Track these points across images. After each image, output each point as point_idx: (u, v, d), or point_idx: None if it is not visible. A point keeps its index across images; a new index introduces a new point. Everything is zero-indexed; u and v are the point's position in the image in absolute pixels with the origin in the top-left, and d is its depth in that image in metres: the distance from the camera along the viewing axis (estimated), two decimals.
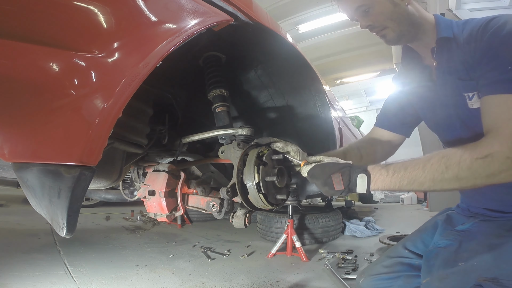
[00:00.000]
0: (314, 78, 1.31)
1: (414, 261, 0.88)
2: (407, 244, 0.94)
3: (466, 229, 0.82)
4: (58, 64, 0.48)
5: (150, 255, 2.08)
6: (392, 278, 0.87)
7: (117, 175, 0.96)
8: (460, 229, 0.84)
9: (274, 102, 1.41)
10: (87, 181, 0.53)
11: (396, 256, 0.93)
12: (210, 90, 1.07)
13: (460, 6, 3.51)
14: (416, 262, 0.87)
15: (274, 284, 1.60)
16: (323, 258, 2.12)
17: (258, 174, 0.87)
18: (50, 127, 0.50)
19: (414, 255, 0.90)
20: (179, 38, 0.60)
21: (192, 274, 1.73)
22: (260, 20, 0.93)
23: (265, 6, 5.44)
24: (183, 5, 0.66)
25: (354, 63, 8.30)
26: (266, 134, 1.53)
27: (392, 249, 1.00)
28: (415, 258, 0.89)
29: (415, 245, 0.92)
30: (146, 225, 3.21)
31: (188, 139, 1.09)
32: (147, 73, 0.54)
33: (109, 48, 0.52)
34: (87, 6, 0.50)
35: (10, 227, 2.51)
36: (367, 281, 0.93)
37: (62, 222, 0.54)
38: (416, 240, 0.94)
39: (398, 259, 0.91)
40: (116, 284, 1.53)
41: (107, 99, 0.50)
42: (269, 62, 1.23)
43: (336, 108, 1.95)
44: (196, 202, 1.09)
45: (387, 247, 2.26)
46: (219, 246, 2.43)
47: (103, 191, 1.57)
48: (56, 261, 1.77)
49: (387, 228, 3.28)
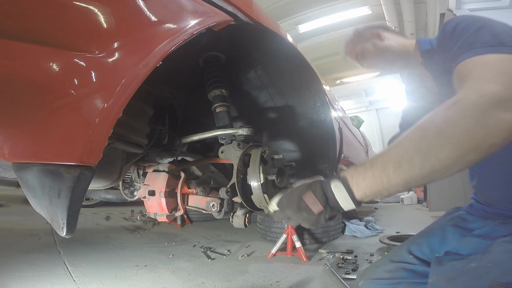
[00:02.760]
0: (314, 78, 1.31)
1: (417, 267, 0.82)
2: (412, 248, 0.88)
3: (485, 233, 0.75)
4: (58, 64, 0.48)
5: (150, 255, 2.08)
6: (393, 284, 0.83)
7: (117, 175, 0.96)
8: (479, 234, 0.76)
9: (274, 102, 1.41)
10: (87, 181, 0.53)
11: (399, 261, 0.87)
12: (210, 90, 1.07)
13: (460, 6, 3.51)
14: (420, 269, 0.81)
15: (274, 284, 1.60)
16: (323, 258, 2.12)
17: (263, 174, 0.87)
18: (50, 127, 0.50)
19: (418, 261, 0.84)
20: (179, 38, 0.60)
21: (192, 274, 1.73)
22: (260, 20, 0.93)
23: (265, 6, 5.44)
24: (183, 5, 0.66)
25: (354, 63, 8.28)
26: (266, 134, 1.53)
27: (396, 252, 0.94)
28: (419, 265, 0.83)
29: (421, 250, 0.85)
30: (146, 225, 3.21)
31: (188, 139, 1.09)
32: (147, 73, 0.54)
33: (109, 48, 0.52)
34: (87, 6, 0.50)
35: (10, 227, 2.51)
36: (367, 284, 0.89)
37: (62, 222, 0.54)
38: (422, 244, 0.87)
39: (401, 264, 0.85)
40: (116, 284, 1.53)
41: (107, 99, 0.50)
42: (269, 62, 1.23)
43: (336, 108, 1.95)
44: (196, 202, 1.09)
45: (387, 247, 2.26)
46: (219, 246, 2.43)
47: (103, 191, 1.57)
48: (56, 261, 1.77)
49: (387, 228, 3.28)
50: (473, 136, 0.47)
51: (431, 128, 0.50)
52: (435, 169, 0.49)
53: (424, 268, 0.80)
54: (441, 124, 0.50)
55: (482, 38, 0.59)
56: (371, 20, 6.34)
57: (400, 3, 5.40)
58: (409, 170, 0.51)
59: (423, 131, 0.51)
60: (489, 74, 0.52)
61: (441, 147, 0.48)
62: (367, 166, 0.56)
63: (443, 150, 0.48)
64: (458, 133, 0.48)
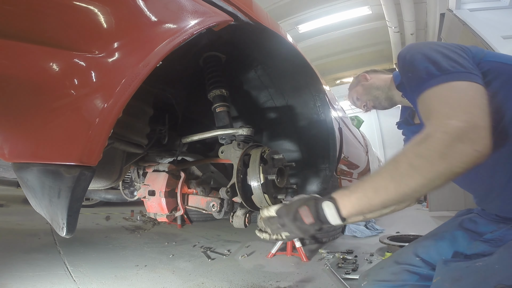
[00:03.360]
0: (314, 78, 1.31)
1: (423, 270, 0.81)
2: (419, 251, 0.86)
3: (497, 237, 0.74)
4: (58, 64, 0.48)
5: (150, 255, 2.08)
6: (396, 287, 0.82)
7: (117, 175, 0.96)
8: (490, 238, 0.75)
9: (274, 102, 1.41)
10: (87, 181, 0.53)
11: (405, 263, 0.85)
12: (210, 90, 1.07)
13: (460, 6, 3.51)
14: (425, 272, 0.80)
15: (274, 284, 1.60)
16: (323, 258, 2.12)
17: (263, 174, 0.87)
18: (50, 127, 0.50)
19: (424, 264, 0.82)
20: (179, 38, 0.60)
21: (192, 274, 1.73)
22: (260, 20, 0.93)
23: (265, 6, 5.44)
24: (183, 5, 0.66)
25: (354, 63, 8.30)
26: (266, 134, 1.53)
27: (401, 253, 0.91)
28: (425, 267, 0.81)
29: (428, 253, 0.84)
30: (146, 225, 3.21)
31: (188, 139, 1.10)
32: (147, 73, 0.54)
33: (109, 48, 0.52)
34: (87, 6, 0.50)
35: (10, 227, 2.51)
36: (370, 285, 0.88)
37: (62, 222, 0.54)
38: (429, 247, 0.86)
39: (405, 267, 0.84)
40: (116, 284, 1.53)
41: (107, 99, 0.50)
42: (269, 62, 1.23)
43: (336, 108, 1.95)
44: (196, 202, 1.09)
45: (387, 247, 2.26)
46: (219, 246, 2.43)
47: (103, 191, 1.57)
48: (56, 261, 1.77)
49: (387, 228, 3.28)
50: (437, 168, 0.56)
51: (403, 161, 0.60)
52: (407, 193, 0.60)
53: (429, 271, 0.79)
54: (411, 158, 0.59)
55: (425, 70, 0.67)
56: (371, 20, 6.35)
57: (400, 3, 5.40)
58: (385, 195, 0.61)
59: (397, 164, 0.61)
60: (445, 109, 0.61)
61: (410, 177, 0.58)
62: (352, 190, 0.67)
63: (412, 179, 0.58)
64: (424, 166, 0.57)
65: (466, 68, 0.64)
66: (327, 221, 0.70)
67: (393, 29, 6.20)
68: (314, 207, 0.71)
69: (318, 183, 1.52)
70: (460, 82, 0.62)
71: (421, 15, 5.77)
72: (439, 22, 4.44)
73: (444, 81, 0.63)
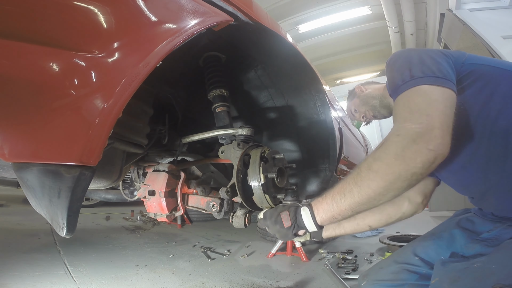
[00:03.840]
0: (314, 78, 1.31)
1: (422, 269, 0.82)
2: (418, 250, 0.87)
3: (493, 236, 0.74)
4: (58, 64, 0.48)
5: (150, 255, 2.08)
6: (396, 286, 0.83)
7: (117, 175, 0.96)
8: (487, 237, 0.75)
9: (274, 102, 1.41)
10: (87, 181, 0.53)
11: (404, 263, 0.86)
12: (210, 90, 1.07)
13: (460, 6, 3.51)
14: (424, 271, 0.81)
15: (274, 284, 1.60)
16: (323, 258, 2.12)
17: (263, 174, 0.88)
18: (50, 127, 0.50)
19: (423, 263, 0.83)
20: (179, 38, 0.60)
21: (192, 274, 1.73)
22: (260, 20, 0.93)
23: (265, 6, 5.44)
24: (183, 5, 0.66)
25: (354, 63, 8.30)
26: (266, 134, 1.53)
27: (400, 253, 0.92)
28: (424, 267, 0.82)
29: (427, 253, 0.85)
30: (146, 225, 3.21)
31: (188, 139, 1.10)
32: (147, 73, 0.54)
33: (109, 48, 0.52)
34: (87, 6, 0.50)
35: (10, 227, 2.51)
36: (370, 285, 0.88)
37: (62, 222, 0.54)
38: (428, 246, 0.86)
39: (405, 266, 0.85)
40: (116, 284, 1.53)
41: (107, 99, 0.50)
42: (269, 62, 1.23)
43: (336, 108, 1.94)
44: (196, 202, 1.09)
45: (387, 247, 2.26)
46: (219, 246, 2.43)
47: (103, 191, 1.57)
48: (56, 261, 1.77)
49: (387, 228, 3.27)
50: (394, 169, 0.59)
51: (364, 166, 0.65)
52: (370, 196, 0.63)
53: (429, 270, 0.80)
54: (370, 162, 0.64)
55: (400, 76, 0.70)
56: (371, 20, 6.34)
57: (400, 3, 5.39)
58: (351, 198, 0.66)
59: (359, 169, 0.65)
60: (404, 113, 0.64)
61: (371, 180, 0.62)
62: (324, 197, 0.73)
63: (373, 182, 0.62)
64: (382, 168, 0.61)
65: (436, 73, 0.66)
66: (304, 226, 0.76)
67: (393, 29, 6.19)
68: (293, 212, 0.78)
69: (318, 183, 1.52)
70: (426, 86, 0.64)
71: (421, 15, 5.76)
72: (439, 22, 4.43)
73: (411, 86, 0.66)
